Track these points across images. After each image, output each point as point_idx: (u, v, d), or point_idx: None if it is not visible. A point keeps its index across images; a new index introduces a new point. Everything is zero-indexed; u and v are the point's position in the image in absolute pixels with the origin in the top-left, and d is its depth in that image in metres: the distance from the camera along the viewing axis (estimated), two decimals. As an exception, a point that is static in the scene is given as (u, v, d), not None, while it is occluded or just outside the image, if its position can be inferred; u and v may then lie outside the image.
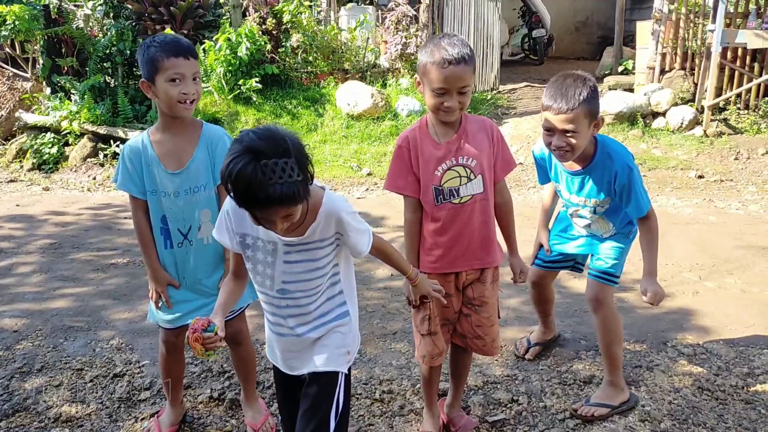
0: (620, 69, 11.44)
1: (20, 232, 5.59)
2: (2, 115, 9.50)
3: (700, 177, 7.66)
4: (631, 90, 9.84)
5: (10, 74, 10.31)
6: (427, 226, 2.50)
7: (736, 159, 8.16)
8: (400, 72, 9.92)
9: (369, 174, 7.87)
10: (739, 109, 9.02)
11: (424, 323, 2.57)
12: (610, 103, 9.03)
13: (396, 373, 3.24)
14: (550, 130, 2.60)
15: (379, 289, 4.37)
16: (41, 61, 9.54)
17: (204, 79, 9.04)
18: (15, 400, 3.02)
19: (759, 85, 8.90)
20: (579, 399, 3.02)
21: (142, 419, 2.93)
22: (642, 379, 3.18)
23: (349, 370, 2.13)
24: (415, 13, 10.03)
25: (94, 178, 8.04)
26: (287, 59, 9.70)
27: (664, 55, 9.54)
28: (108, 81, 9.57)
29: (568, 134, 2.55)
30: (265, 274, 1.97)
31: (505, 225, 2.62)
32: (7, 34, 8.90)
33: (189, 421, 2.90)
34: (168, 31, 8.78)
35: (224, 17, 9.66)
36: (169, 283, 2.62)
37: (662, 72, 9.53)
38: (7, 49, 10.14)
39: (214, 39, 8.99)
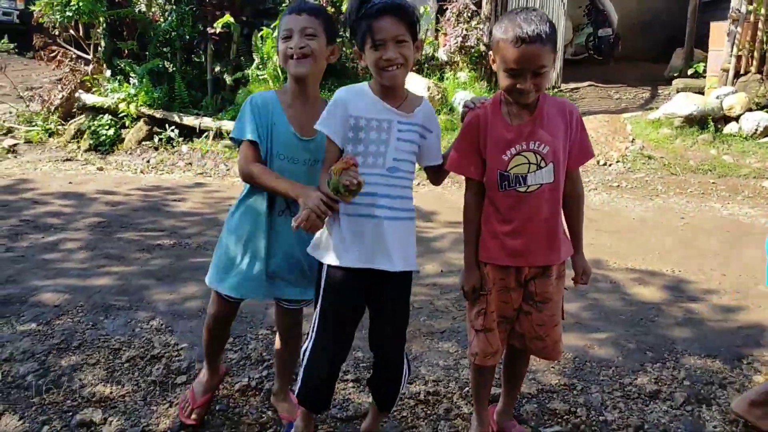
0: (690, 72, 10.94)
1: (70, 209, 5.59)
2: (64, 96, 9.66)
3: (775, 186, 7.19)
4: (701, 93, 9.37)
5: (74, 56, 10.50)
6: (489, 212, 2.29)
7: (814, 169, 7.65)
8: (458, 65, 9.68)
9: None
10: (820, 116, 8.47)
11: (479, 318, 2.35)
12: (680, 105, 8.61)
13: (443, 373, 3.03)
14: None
15: (427, 285, 4.17)
16: (103, 44, 9.67)
17: (260, 66, 8.98)
18: (50, 377, 2.93)
19: (843, 91, 8.34)
20: (643, 415, 2.76)
21: (177, 404, 2.80)
22: (714, 396, 2.89)
23: None
24: (475, 8, 9.76)
25: (148, 161, 8.07)
26: (344, 49, 9.56)
27: (739, 58, 9.05)
28: (167, 66, 9.65)
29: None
30: (378, 153, 2.15)
31: (573, 218, 2.38)
32: (71, 15, 9.04)
33: (224, 409, 2.76)
34: (227, 17, 8.78)
35: (283, 4, 9.60)
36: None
37: (737, 75, 9.04)
38: (71, 32, 10.33)
39: (272, 26, 8.92)
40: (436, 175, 2.38)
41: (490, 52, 2.22)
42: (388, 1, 2.07)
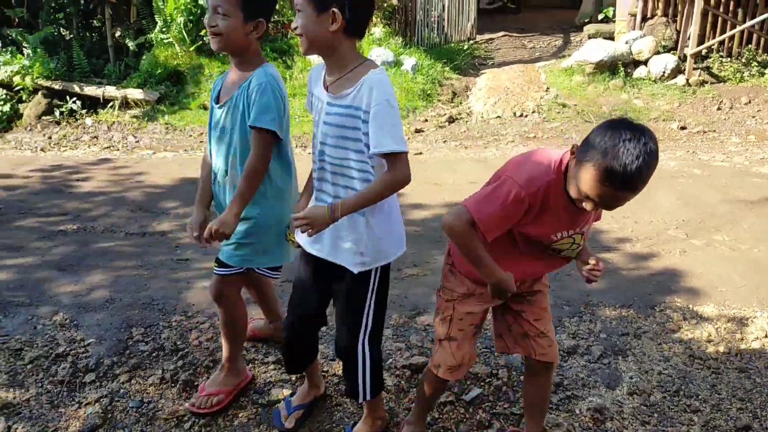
0: (600, 17, 11.09)
1: (-38, 197, 5.19)
2: (-50, 71, 8.90)
3: (683, 128, 7.43)
4: (611, 38, 9.52)
5: (-42, 27, 9.67)
6: (496, 247, 2.00)
7: (718, 109, 7.94)
8: (372, 21, 9.46)
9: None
10: (721, 57, 8.76)
11: (443, 325, 2.19)
12: (591, 52, 8.72)
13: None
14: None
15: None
16: (-11, 13, 8.93)
17: (164, 29, 8.52)
18: (-55, 387, 2.72)
19: (742, 31, 8.63)
20: (563, 371, 2.80)
21: (87, 404, 2.65)
22: (629, 347, 2.97)
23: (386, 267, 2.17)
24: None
25: (50, 137, 7.57)
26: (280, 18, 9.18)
27: (646, 2, 9.19)
28: (63, 33, 9.01)
29: None
30: (314, 135, 2.11)
31: None
32: (-53, -18, 8.27)
33: (137, 406, 2.63)
34: (123, -22, 8.24)
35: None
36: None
37: (644, 19, 9.20)
38: (-48, 0, 9.49)
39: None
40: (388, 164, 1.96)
41: (583, 160, 1.78)
42: None
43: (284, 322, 2.37)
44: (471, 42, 10.68)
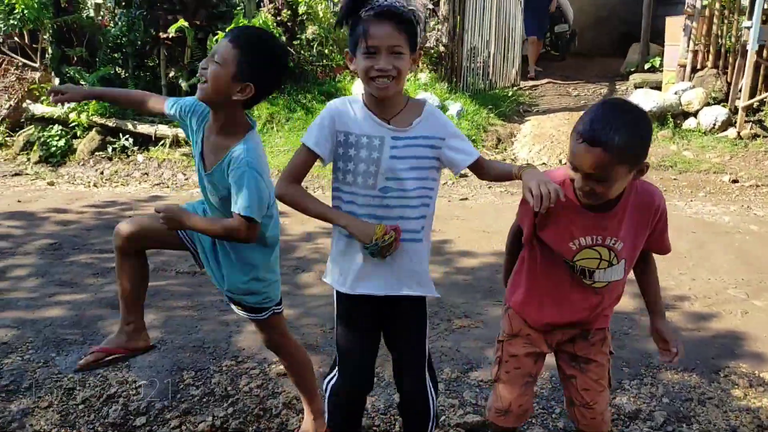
0: (647, 66, 11.03)
1: (19, 230, 5.30)
2: (11, 106, 9.23)
3: (735, 181, 7.26)
4: (658, 88, 9.44)
5: (20, 64, 10.06)
6: (532, 268, 2.10)
7: (772, 163, 7.76)
8: (418, 66, 9.55)
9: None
10: (774, 110, 8.60)
11: (495, 366, 2.17)
12: (639, 101, 8.59)
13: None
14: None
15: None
16: (50, 51, 9.28)
17: (216, 71, 8.72)
18: (-1, 424, 2.73)
19: (796, 85, 8.46)
20: (624, 437, 2.69)
21: (137, 449, 2.64)
22: (694, 414, 2.84)
23: None
24: (433, 7, 9.64)
25: (102, 173, 7.77)
26: (302, 52, 9.38)
27: (695, 53, 9.11)
28: (118, 72, 9.32)
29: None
30: (368, 173, 1.98)
31: (648, 291, 2.12)
32: (15, 23, 8.66)
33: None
34: (181, 21, 8.50)
35: (238, 8, 9.36)
36: None
37: (694, 70, 9.11)
38: (16, 39, 9.90)
39: (227, 30, 8.68)
40: (479, 171, 2.10)
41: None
42: (393, 4, 1.87)
43: (339, 397, 2.16)
44: (515, 88, 10.71)
